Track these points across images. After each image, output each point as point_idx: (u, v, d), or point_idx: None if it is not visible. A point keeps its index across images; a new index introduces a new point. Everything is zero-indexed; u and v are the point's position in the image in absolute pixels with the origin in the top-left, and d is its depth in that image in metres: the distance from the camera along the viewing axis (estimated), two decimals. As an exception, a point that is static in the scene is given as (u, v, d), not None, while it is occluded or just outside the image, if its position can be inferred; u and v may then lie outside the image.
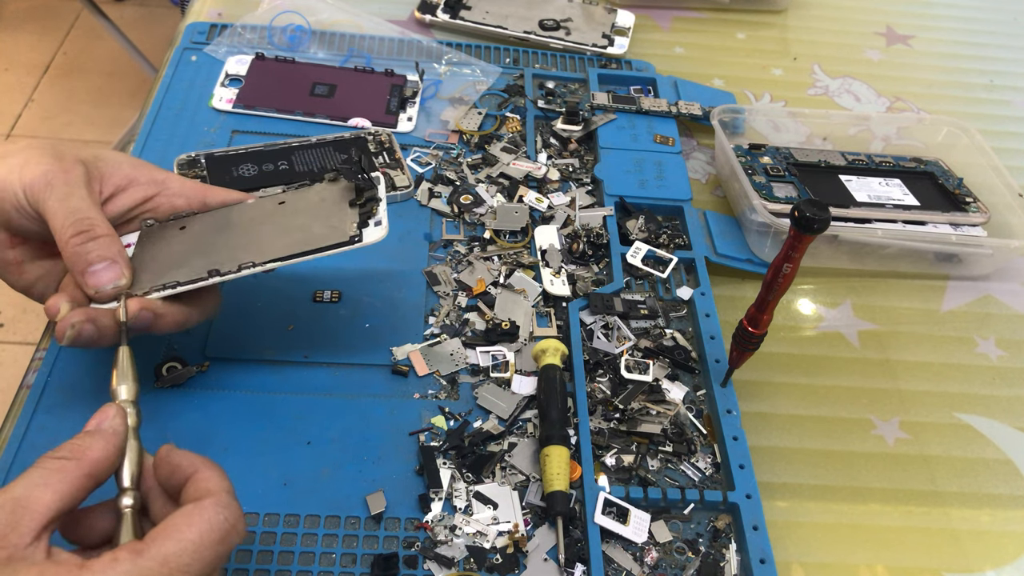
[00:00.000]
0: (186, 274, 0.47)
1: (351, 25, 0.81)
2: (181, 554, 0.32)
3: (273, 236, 0.49)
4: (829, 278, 0.66)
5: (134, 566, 0.31)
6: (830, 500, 0.52)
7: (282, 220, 0.50)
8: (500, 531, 0.47)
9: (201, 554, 0.32)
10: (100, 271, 0.44)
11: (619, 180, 0.67)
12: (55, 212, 0.44)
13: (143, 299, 0.45)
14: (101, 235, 0.44)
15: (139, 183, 0.49)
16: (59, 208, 0.44)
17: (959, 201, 0.67)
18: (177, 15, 1.35)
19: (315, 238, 0.48)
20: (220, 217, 0.51)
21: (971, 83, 0.87)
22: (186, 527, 0.33)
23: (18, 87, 1.97)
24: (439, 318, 0.57)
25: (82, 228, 0.44)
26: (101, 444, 0.35)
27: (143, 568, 0.31)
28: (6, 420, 0.50)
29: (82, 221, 0.44)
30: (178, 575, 0.31)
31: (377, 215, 0.49)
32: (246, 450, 0.49)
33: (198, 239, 0.49)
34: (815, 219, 0.43)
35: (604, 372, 0.55)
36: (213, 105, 0.70)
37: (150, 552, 0.32)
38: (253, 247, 0.48)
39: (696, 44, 0.87)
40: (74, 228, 0.44)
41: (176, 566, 0.31)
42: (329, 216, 0.49)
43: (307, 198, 0.51)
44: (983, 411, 0.58)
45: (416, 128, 0.71)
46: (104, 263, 0.44)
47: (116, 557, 0.31)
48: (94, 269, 0.44)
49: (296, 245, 0.48)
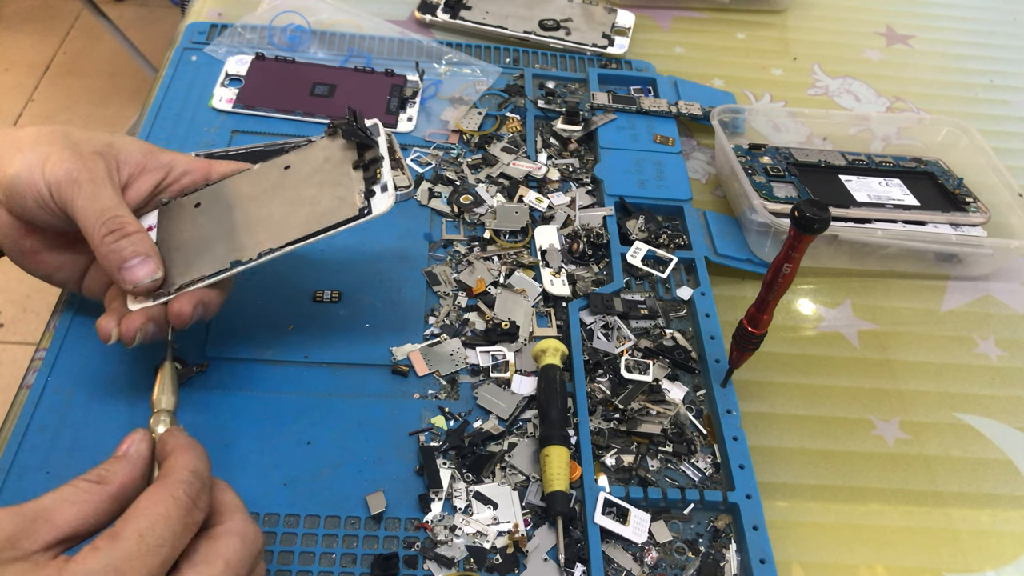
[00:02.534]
0: (210, 265, 0.48)
1: (351, 25, 0.81)
2: (153, 528, 0.33)
3: (284, 211, 0.50)
4: (829, 278, 0.66)
5: (113, 549, 0.32)
6: (830, 500, 0.52)
7: (290, 191, 0.51)
8: (500, 531, 0.47)
9: (171, 526, 0.34)
10: (135, 267, 0.46)
11: (619, 180, 0.67)
12: (85, 211, 0.45)
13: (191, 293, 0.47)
14: (132, 232, 0.46)
15: (150, 169, 0.50)
16: (88, 207, 0.45)
17: (959, 201, 0.67)
18: (177, 15, 1.35)
19: (324, 214, 0.49)
20: (231, 190, 0.52)
21: (971, 83, 0.87)
22: (153, 503, 0.34)
23: (18, 87, 1.97)
24: (439, 318, 0.57)
25: (114, 227, 0.45)
26: (127, 470, 0.37)
27: (122, 548, 0.32)
28: (6, 420, 0.50)
29: (113, 220, 0.45)
30: (153, 549, 0.33)
31: (382, 178, 0.49)
32: (246, 450, 0.49)
33: (215, 218, 0.50)
34: (815, 219, 0.43)
35: (604, 372, 0.55)
36: (213, 105, 0.70)
37: (125, 532, 0.33)
38: (268, 226, 0.49)
39: (696, 44, 0.87)
40: (106, 227, 0.45)
41: (150, 541, 0.33)
42: (335, 183, 0.50)
43: (310, 159, 0.52)
44: (983, 411, 0.58)
45: (416, 128, 0.71)
46: (138, 259, 0.46)
47: (96, 546, 0.33)
48: (129, 265, 0.46)
49: (307, 223, 0.49)
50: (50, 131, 0.47)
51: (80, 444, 0.48)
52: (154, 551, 0.33)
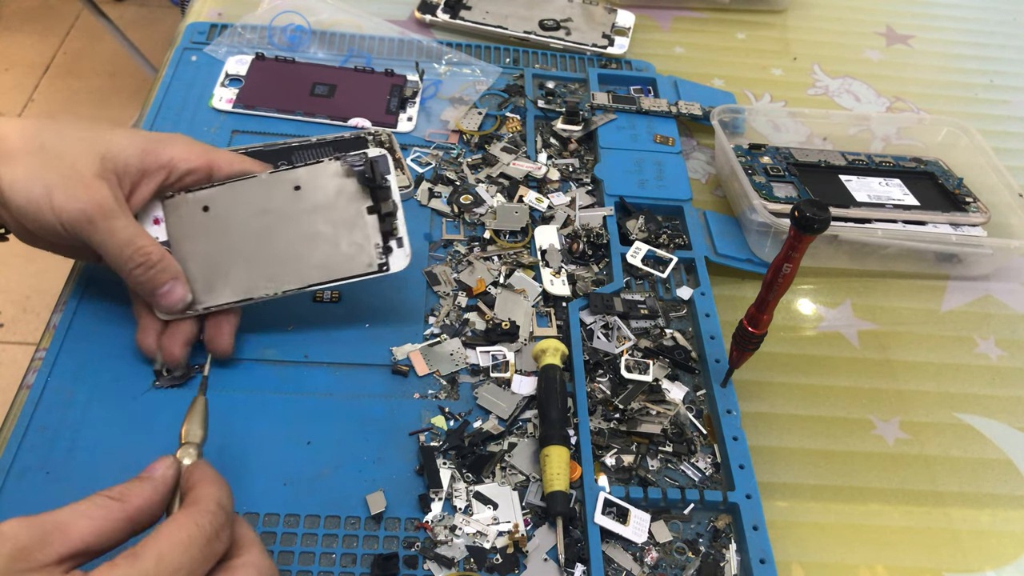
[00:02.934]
0: (232, 289, 0.52)
1: (351, 25, 0.81)
2: (172, 551, 0.34)
3: (302, 245, 0.52)
4: (829, 278, 0.66)
5: (132, 568, 0.33)
6: (830, 500, 0.52)
7: (305, 222, 0.52)
8: (500, 531, 0.47)
9: (191, 553, 0.34)
10: (167, 292, 0.50)
11: (619, 180, 0.67)
12: (106, 248, 0.47)
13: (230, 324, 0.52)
14: (157, 260, 0.49)
15: (150, 172, 0.50)
16: (108, 243, 0.47)
17: (959, 201, 0.67)
18: (177, 15, 1.35)
19: (343, 261, 0.52)
20: (240, 198, 0.52)
21: (971, 83, 0.87)
22: (177, 529, 0.35)
23: (18, 87, 1.97)
24: (439, 318, 0.57)
25: (140, 260, 0.48)
26: (148, 492, 0.37)
27: (140, 568, 0.33)
28: (6, 420, 0.50)
29: (138, 252, 0.48)
30: (172, 572, 0.33)
31: (398, 232, 0.52)
32: (246, 450, 0.49)
33: (228, 231, 0.52)
34: (815, 219, 0.43)
35: (604, 372, 0.55)
36: (213, 105, 0.70)
37: (144, 553, 0.33)
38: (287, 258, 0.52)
39: (696, 44, 0.87)
40: (132, 261, 0.48)
41: (169, 563, 0.33)
42: (351, 225, 0.52)
43: (321, 184, 0.52)
44: (983, 411, 0.58)
45: (416, 128, 0.71)
46: (168, 285, 0.49)
47: (115, 563, 0.33)
48: (163, 292, 0.49)
49: (327, 267, 0.52)
50: (39, 148, 0.46)
51: (80, 444, 0.48)
52: (171, 574, 0.33)
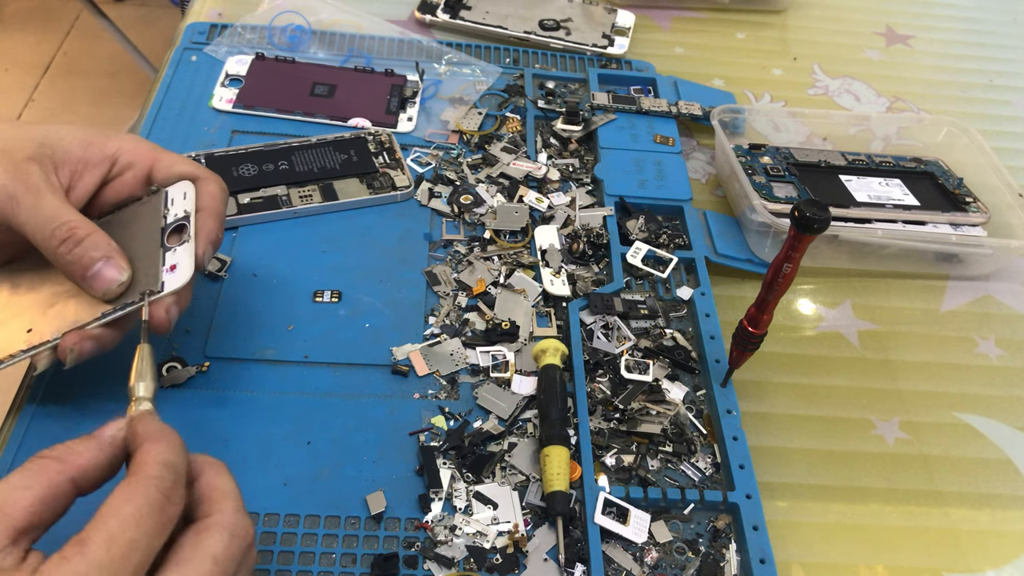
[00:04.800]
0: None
1: (351, 25, 0.81)
2: (123, 530, 0.31)
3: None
4: (829, 278, 0.66)
5: (82, 557, 0.30)
6: (830, 500, 0.52)
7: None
8: (500, 531, 0.47)
9: (143, 526, 0.32)
10: (100, 272, 0.44)
11: (619, 180, 0.67)
12: (30, 227, 0.43)
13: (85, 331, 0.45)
14: (84, 235, 0.43)
15: (93, 163, 0.47)
16: (32, 221, 0.43)
17: (959, 201, 0.67)
18: (177, 15, 1.35)
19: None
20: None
21: (971, 83, 0.87)
22: (122, 503, 0.32)
23: (18, 87, 1.97)
24: (439, 318, 0.57)
25: (64, 236, 0.43)
26: (92, 452, 0.34)
27: (91, 556, 0.30)
28: (6, 420, 0.50)
29: (61, 227, 0.43)
30: (124, 556, 0.31)
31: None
32: (246, 450, 0.49)
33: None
34: (815, 219, 0.43)
35: (604, 372, 0.55)
36: (213, 105, 0.70)
37: (93, 538, 0.31)
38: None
39: (696, 44, 0.87)
40: (56, 238, 0.43)
41: (121, 546, 0.31)
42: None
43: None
44: (983, 411, 0.58)
45: (416, 128, 0.71)
46: (99, 263, 0.44)
47: (63, 555, 0.30)
48: (93, 272, 0.44)
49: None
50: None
51: (80, 444, 0.48)
52: (126, 556, 0.31)
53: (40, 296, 0.48)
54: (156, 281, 0.45)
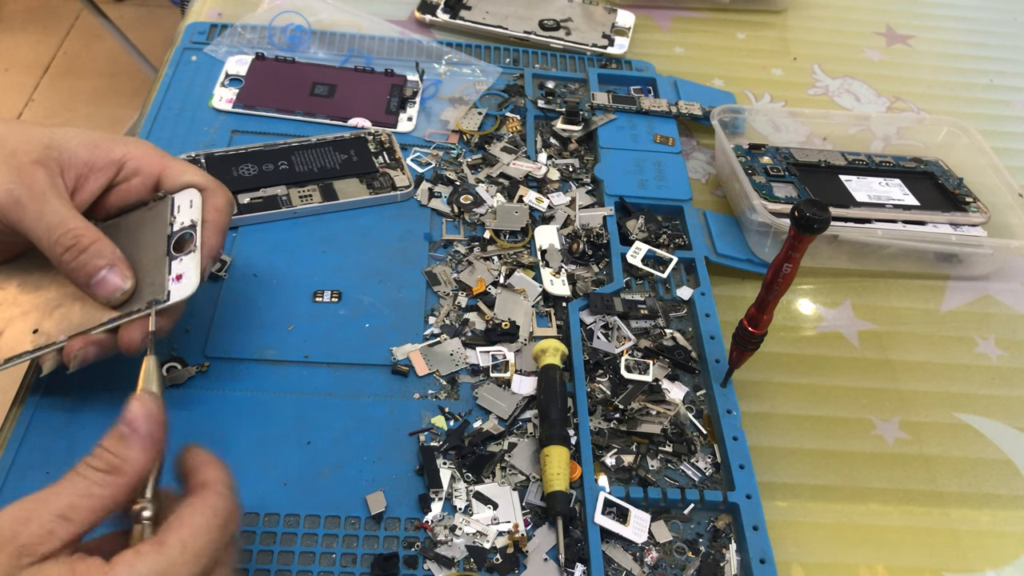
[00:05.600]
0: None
1: (351, 25, 0.81)
2: (196, 538, 0.34)
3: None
4: (829, 278, 0.66)
5: (160, 555, 0.33)
6: (830, 500, 0.52)
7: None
8: (500, 531, 0.47)
9: (211, 536, 0.34)
10: (104, 279, 0.44)
11: (619, 180, 0.67)
12: (35, 232, 0.44)
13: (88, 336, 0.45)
14: (89, 243, 0.44)
15: (99, 167, 0.47)
16: (37, 227, 0.43)
17: (959, 201, 0.67)
18: (177, 15, 1.35)
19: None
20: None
21: (971, 83, 0.87)
22: (194, 515, 0.35)
23: (18, 87, 1.97)
24: (439, 318, 0.57)
25: (69, 243, 0.44)
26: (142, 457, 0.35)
27: (167, 556, 0.33)
28: (6, 420, 0.50)
29: (67, 235, 0.44)
30: (195, 557, 0.34)
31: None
32: (246, 450, 0.49)
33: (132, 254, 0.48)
34: (815, 219, 0.43)
35: (604, 372, 0.55)
36: (213, 105, 0.70)
37: (169, 541, 0.33)
38: None
39: (696, 44, 0.87)
40: (61, 246, 0.43)
41: (193, 549, 0.34)
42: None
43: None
44: (983, 411, 0.58)
45: (416, 128, 0.71)
46: (103, 271, 0.44)
47: (139, 551, 0.33)
48: (97, 280, 0.44)
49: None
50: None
51: (80, 444, 0.48)
52: (196, 560, 0.34)
53: (47, 296, 0.48)
54: (162, 290, 0.46)
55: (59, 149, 0.45)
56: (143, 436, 0.36)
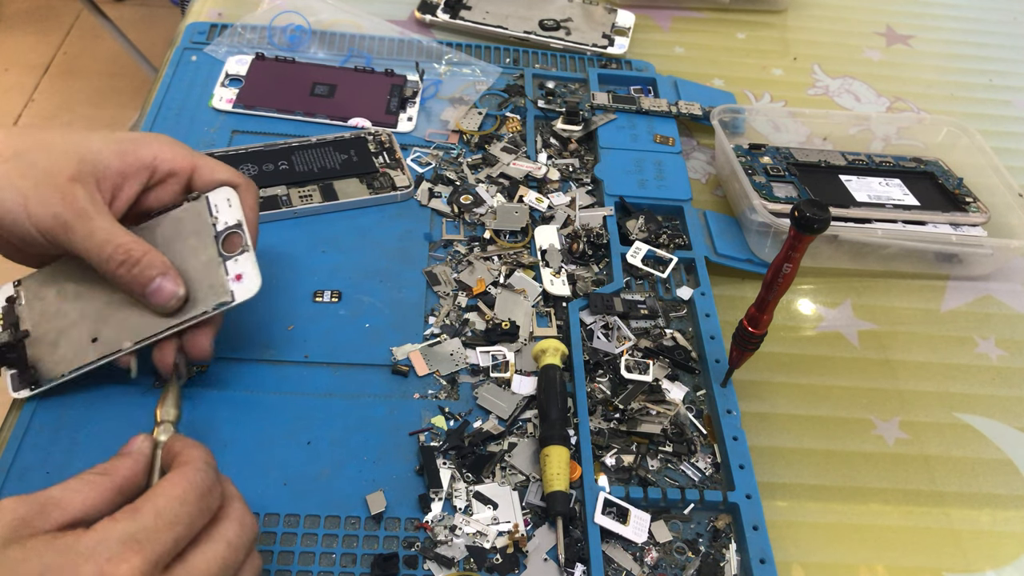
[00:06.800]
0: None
1: (351, 25, 0.81)
2: (170, 507, 0.35)
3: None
4: (829, 278, 0.66)
5: (132, 521, 0.34)
6: (830, 500, 0.52)
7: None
8: (500, 531, 0.47)
9: (187, 508, 0.36)
10: (157, 289, 0.47)
11: (619, 180, 0.67)
12: (85, 251, 0.46)
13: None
14: (140, 256, 0.46)
15: (131, 174, 0.48)
16: (86, 245, 0.45)
17: (959, 201, 0.67)
18: (177, 15, 1.35)
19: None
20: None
21: (971, 83, 0.87)
22: (171, 486, 0.36)
23: (18, 87, 1.97)
24: (439, 318, 0.57)
25: (121, 259, 0.46)
26: (131, 464, 0.39)
27: (138, 523, 0.34)
28: (6, 420, 0.50)
29: (117, 250, 0.46)
30: (169, 525, 0.35)
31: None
32: (246, 450, 0.49)
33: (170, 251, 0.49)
34: (815, 219, 0.43)
35: (604, 372, 0.55)
36: (213, 105, 0.70)
37: (144, 508, 0.35)
38: None
39: (696, 44, 0.87)
40: (114, 261, 0.46)
41: (167, 517, 0.35)
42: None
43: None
44: (983, 411, 0.58)
45: (416, 128, 0.71)
46: (156, 281, 0.47)
47: (114, 517, 0.35)
48: (152, 289, 0.47)
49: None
50: (14, 156, 0.45)
51: (80, 444, 0.48)
52: (169, 527, 0.35)
53: (94, 305, 0.49)
54: (225, 291, 0.47)
55: (92, 163, 0.47)
56: (134, 452, 0.39)
